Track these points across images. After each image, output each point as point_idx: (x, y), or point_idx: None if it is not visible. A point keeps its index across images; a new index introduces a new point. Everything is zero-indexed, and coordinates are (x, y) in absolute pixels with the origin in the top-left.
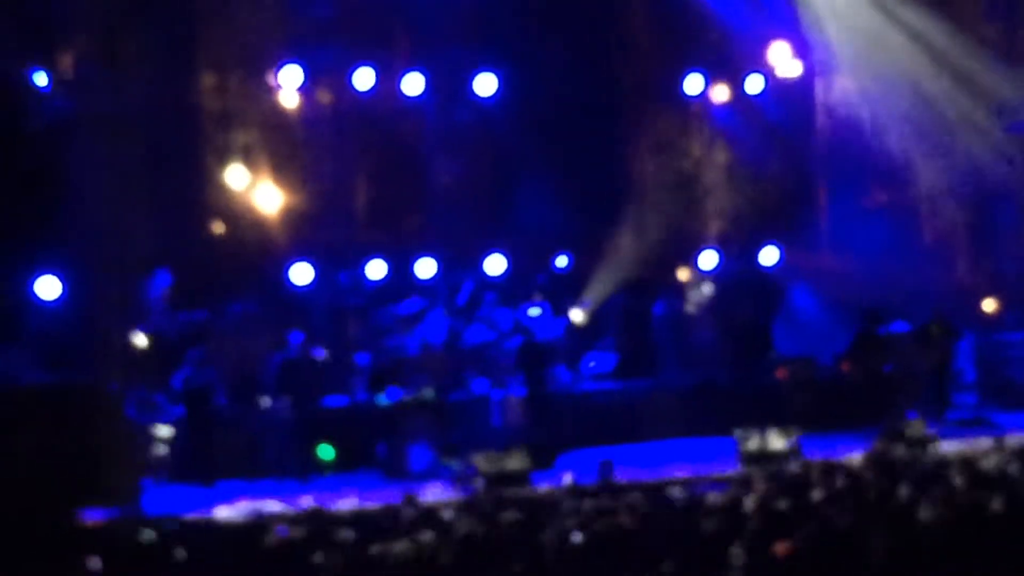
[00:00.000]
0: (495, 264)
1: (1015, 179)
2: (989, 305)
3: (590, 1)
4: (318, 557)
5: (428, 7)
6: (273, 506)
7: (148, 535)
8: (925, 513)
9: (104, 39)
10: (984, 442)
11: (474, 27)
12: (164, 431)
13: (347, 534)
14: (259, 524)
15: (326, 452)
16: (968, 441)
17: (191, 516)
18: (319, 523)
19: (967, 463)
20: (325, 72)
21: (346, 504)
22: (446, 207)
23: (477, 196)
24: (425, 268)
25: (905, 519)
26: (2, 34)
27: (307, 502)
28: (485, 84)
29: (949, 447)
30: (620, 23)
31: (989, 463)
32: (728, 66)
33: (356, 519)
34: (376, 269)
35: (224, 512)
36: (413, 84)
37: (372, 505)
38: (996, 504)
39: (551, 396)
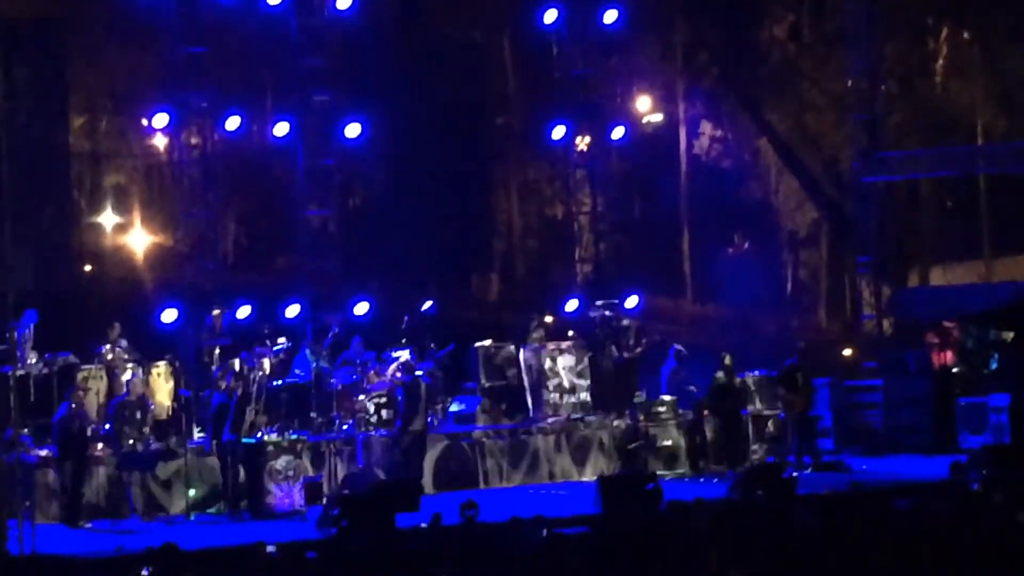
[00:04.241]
0: (361, 307)
1: (873, 229)
2: (847, 351)
3: (459, 51)
4: None
5: (296, 52)
6: (136, 545)
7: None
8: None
9: None
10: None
11: (343, 72)
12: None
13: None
14: (121, 563)
15: (192, 492)
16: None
17: (55, 556)
18: (182, 563)
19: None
20: (195, 115)
21: (207, 543)
22: (314, 250)
23: (345, 239)
24: (292, 310)
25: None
26: None
27: (171, 542)
28: (353, 128)
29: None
30: (488, 73)
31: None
32: (593, 116)
33: (216, 558)
34: (244, 310)
35: (87, 551)
36: (281, 128)
37: (233, 545)
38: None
39: (417, 437)
